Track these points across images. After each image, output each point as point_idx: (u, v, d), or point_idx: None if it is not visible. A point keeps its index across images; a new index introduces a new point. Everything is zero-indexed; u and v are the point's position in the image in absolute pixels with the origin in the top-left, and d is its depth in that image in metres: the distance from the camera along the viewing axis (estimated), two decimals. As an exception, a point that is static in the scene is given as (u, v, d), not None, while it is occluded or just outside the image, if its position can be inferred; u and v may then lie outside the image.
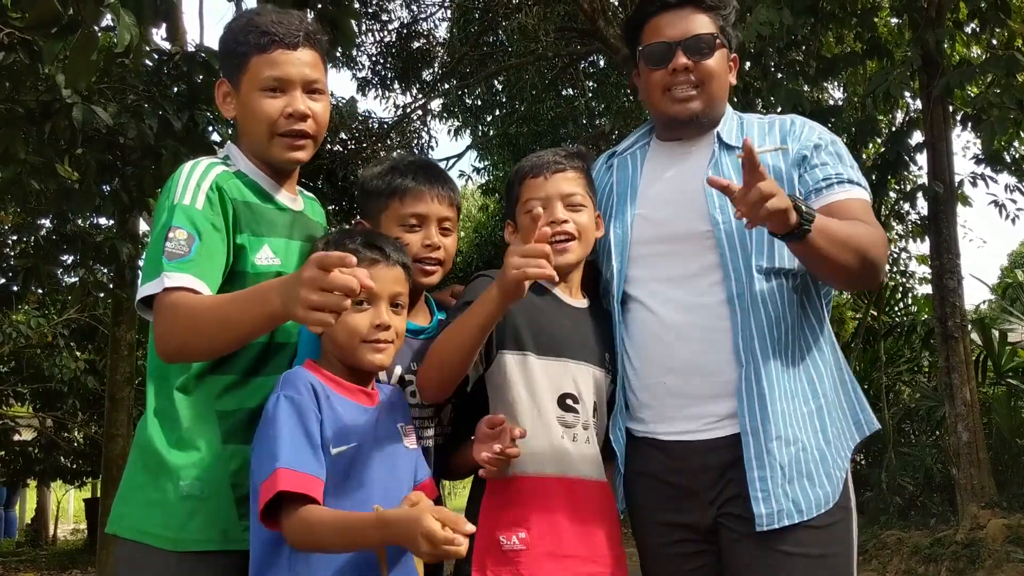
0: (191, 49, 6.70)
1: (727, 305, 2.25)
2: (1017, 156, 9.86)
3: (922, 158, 8.94)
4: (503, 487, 2.20)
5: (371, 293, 2.02)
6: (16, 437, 13.99)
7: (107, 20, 4.56)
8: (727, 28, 2.43)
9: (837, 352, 2.39)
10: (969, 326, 9.48)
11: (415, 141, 14.69)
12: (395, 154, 11.50)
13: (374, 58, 14.25)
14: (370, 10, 13.46)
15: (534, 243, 1.96)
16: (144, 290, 2.02)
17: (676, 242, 2.33)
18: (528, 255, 1.94)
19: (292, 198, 2.31)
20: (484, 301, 2.06)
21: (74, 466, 14.87)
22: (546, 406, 2.25)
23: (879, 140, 9.82)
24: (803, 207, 2.04)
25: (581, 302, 2.42)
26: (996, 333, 10.72)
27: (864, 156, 9.74)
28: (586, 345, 2.34)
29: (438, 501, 2.17)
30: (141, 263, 2.04)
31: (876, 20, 9.14)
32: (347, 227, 2.30)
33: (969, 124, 8.84)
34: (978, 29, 8.89)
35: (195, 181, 2.11)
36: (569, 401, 2.27)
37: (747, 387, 2.20)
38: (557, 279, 2.21)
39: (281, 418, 1.94)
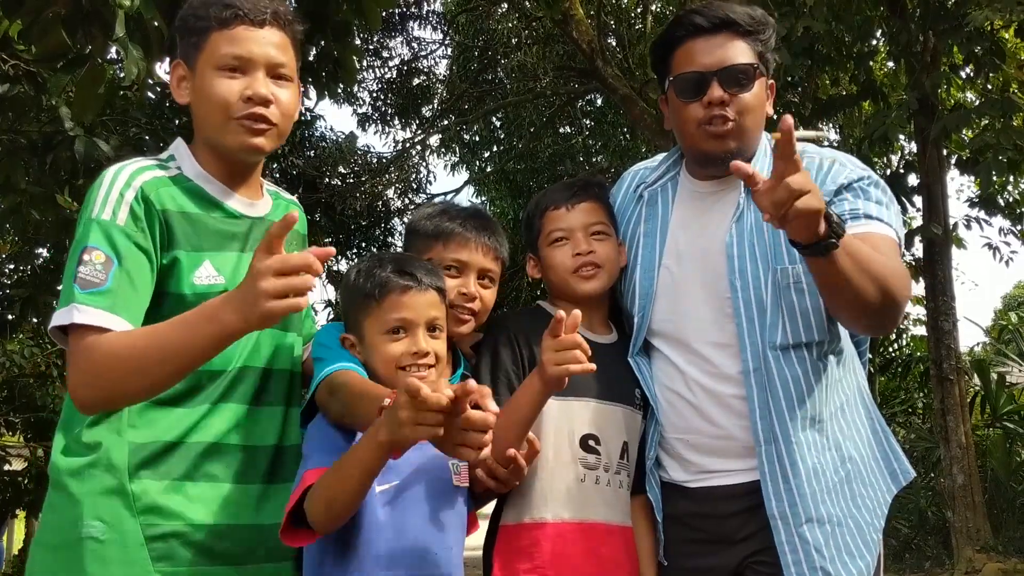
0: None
1: (744, 378, 2.13)
2: (1011, 200, 9.93)
3: (917, 200, 9.00)
4: (520, 534, 2.14)
5: (405, 321, 1.97)
6: (6, 467, 13.86)
7: (111, 53, 4.61)
8: (766, 54, 2.24)
9: (868, 403, 2.28)
10: (967, 366, 9.50)
11: (413, 176, 14.77)
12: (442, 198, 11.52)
13: (375, 94, 14.36)
14: (372, 47, 13.58)
15: (564, 336, 1.89)
16: (55, 319, 1.76)
17: (697, 305, 2.21)
18: (563, 348, 1.89)
19: (249, 203, 2.02)
20: (527, 391, 2.00)
21: (63, 497, 14.68)
22: (564, 448, 2.17)
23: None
24: (835, 216, 1.86)
25: (607, 337, 2.33)
26: (995, 375, 10.73)
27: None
28: (613, 383, 2.24)
29: None
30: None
31: (872, 64, 9.23)
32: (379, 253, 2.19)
33: (965, 167, 8.91)
34: (973, 74, 8.99)
35: (117, 190, 1.83)
36: (591, 442, 2.18)
37: (770, 468, 2.10)
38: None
39: (311, 432, 1.97)
